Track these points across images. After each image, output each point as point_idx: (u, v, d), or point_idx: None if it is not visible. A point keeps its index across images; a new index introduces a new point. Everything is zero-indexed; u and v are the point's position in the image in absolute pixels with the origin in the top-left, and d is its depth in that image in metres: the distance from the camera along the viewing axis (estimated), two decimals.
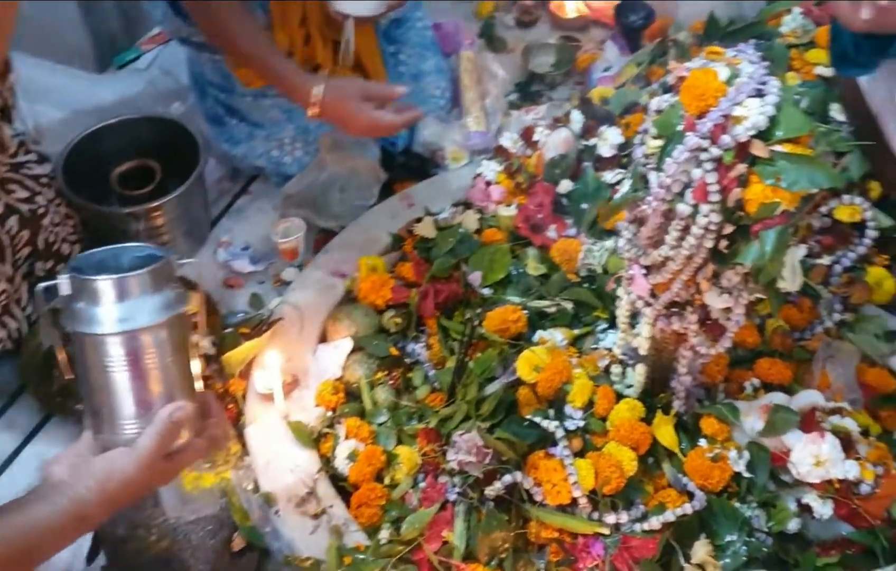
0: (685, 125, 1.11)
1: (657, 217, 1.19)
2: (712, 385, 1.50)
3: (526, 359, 1.46)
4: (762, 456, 1.39)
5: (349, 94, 1.64)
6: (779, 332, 1.57)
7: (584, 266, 1.69)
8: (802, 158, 1.07)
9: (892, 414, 1.50)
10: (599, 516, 1.32)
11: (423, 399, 1.50)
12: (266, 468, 1.40)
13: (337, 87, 1.65)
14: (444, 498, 1.34)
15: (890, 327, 1.61)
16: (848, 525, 1.37)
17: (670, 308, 1.31)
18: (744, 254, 1.12)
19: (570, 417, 1.41)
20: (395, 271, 1.69)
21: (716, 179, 1.09)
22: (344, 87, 1.66)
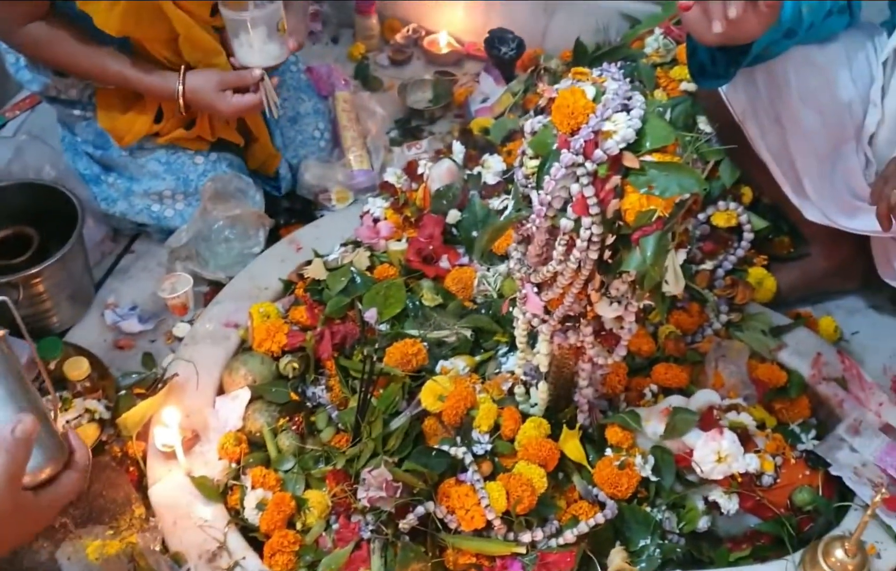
0: (559, 143, 1.14)
1: (542, 234, 1.23)
2: (614, 396, 1.54)
3: (429, 389, 1.47)
4: (667, 459, 1.44)
5: (207, 86, 1.73)
6: (671, 338, 1.62)
7: (480, 293, 1.71)
8: (671, 165, 1.11)
9: (785, 406, 1.57)
10: (515, 536, 1.34)
11: (328, 441, 1.49)
12: (173, 528, 1.37)
13: (194, 80, 1.74)
14: (359, 537, 1.34)
15: (775, 324, 1.68)
16: (755, 516, 1.43)
17: (565, 323, 1.34)
18: (627, 262, 1.16)
19: (478, 442, 1.42)
20: (288, 317, 1.68)
21: (593, 193, 1.12)
22: (200, 80, 1.74)
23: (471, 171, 1.92)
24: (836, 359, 1.63)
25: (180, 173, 1.87)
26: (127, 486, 1.44)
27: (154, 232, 1.92)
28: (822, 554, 1.31)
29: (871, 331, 1.78)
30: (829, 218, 1.63)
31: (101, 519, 1.40)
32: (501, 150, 2.02)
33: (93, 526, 1.39)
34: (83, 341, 1.70)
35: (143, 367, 1.66)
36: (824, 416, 1.58)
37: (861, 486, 1.43)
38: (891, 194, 1.42)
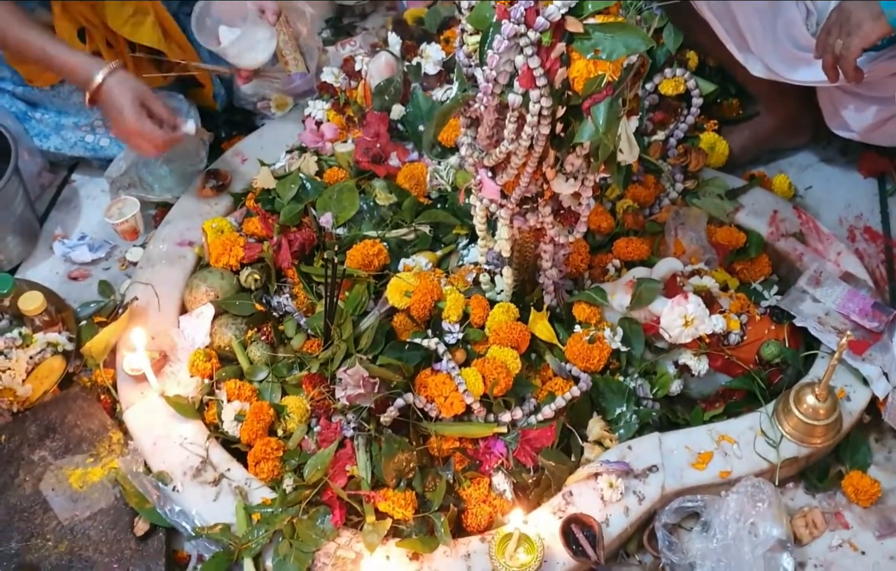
0: (498, 15, 1.16)
1: (491, 114, 1.26)
2: (578, 275, 1.63)
3: (395, 286, 1.53)
4: (635, 329, 1.53)
5: (130, 93, 1.64)
6: (630, 211, 1.71)
7: (434, 188, 1.77)
8: (615, 26, 1.14)
9: (745, 266, 1.67)
10: (495, 417, 1.42)
11: (299, 348, 1.55)
12: (154, 449, 1.43)
13: (122, 80, 1.64)
14: (342, 436, 1.41)
15: (730, 187, 1.78)
16: (725, 375, 1.53)
17: (523, 205, 1.39)
18: (580, 133, 1.19)
19: (449, 332, 1.50)
20: (242, 229, 1.73)
21: (539, 63, 1.15)
22: (129, 83, 1.65)
23: (409, 63, 1.96)
24: (793, 215, 1.74)
25: None
26: (101, 414, 1.50)
27: (92, 161, 1.94)
28: (794, 402, 1.42)
29: (824, 184, 1.89)
30: (773, 72, 1.71)
31: (79, 449, 1.45)
32: (439, 38, 2.07)
33: (72, 456, 1.44)
34: (36, 277, 1.74)
35: (100, 295, 1.70)
36: (785, 272, 1.68)
37: (826, 334, 1.54)
38: (835, 45, 1.51)
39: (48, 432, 1.48)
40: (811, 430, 1.42)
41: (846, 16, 1.47)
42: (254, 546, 1.31)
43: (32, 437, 1.48)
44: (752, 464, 1.41)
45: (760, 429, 1.44)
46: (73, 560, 1.33)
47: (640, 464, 1.39)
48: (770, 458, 1.41)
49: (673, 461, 1.40)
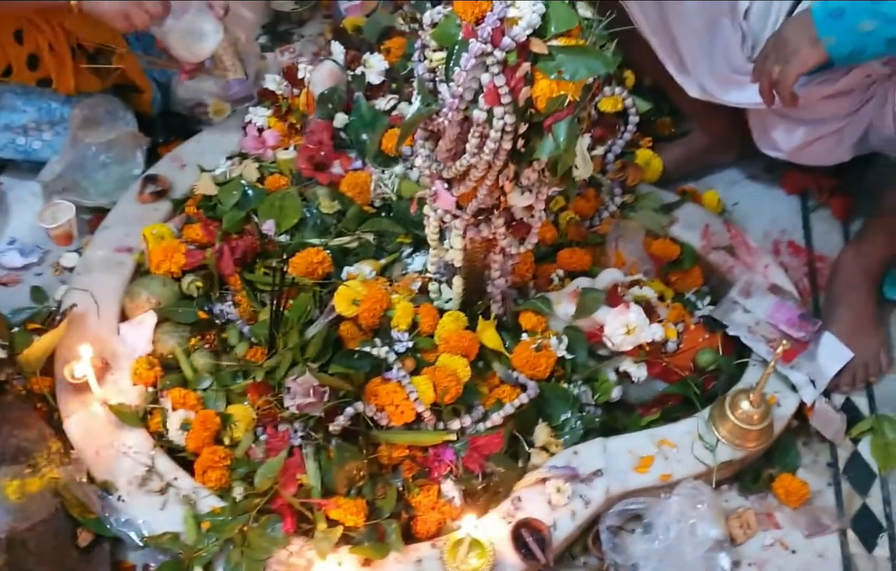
0: (465, 33, 1.19)
1: (454, 128, 1.29)
2: (523, 284, 1.66)
3: (342, 295, 1.54)
4: (579, 337, 1.57)
5: None
6: (572, 223, 1.75)
7: (378, 196, 1.78)
8: (577, 49, 1.18)
9: (680, 277, 1.73)
10: (444, 425, 1.45)
11: (243, 356, 1.55)
12: (97, 458, 1.41)
13: None
14: (290, 444, 1.41)
15: (664, 201, 1.84)
16: (662, 381, 1.59)
17: (478, 216, 1.43)
18: (540, 149, 1.23)
19: (399, 340, 1.51)
20: (182, 235, 1.71)
21: (504, 82, 1.18)
22: None
23: (353, 72, 1.97)
24: (723, 229, 1.80)
25: (42, 103, 1.85)
26: (38, 423, 1.47)
27: (23, 164, 1.90)
28: (730, 407, 1.48)
29: (751, 200, 1.96)
30: (709, 93, 1.77)
31: (16, 460, 1.42)
32: (380, 48, 2.08)
33: (8, 467, 1.41)
34: None
35: (33, 301, 1.67)
36: (716, 282, 1.75)
37: (757, 342, 1.60)
38: (772, 70, 1.57)
39: None
40: (745, 434, 1.48)
41: (784, 42, 1.54)
42: (204, 554, 1.31)
43: None
44: (690, 467, 1.46)
45: (698, 434, 1.49)
46: None
47: (585, 469, 1.43)
48: (707, 461, 1.47)
49: (616, 465, 1.44)
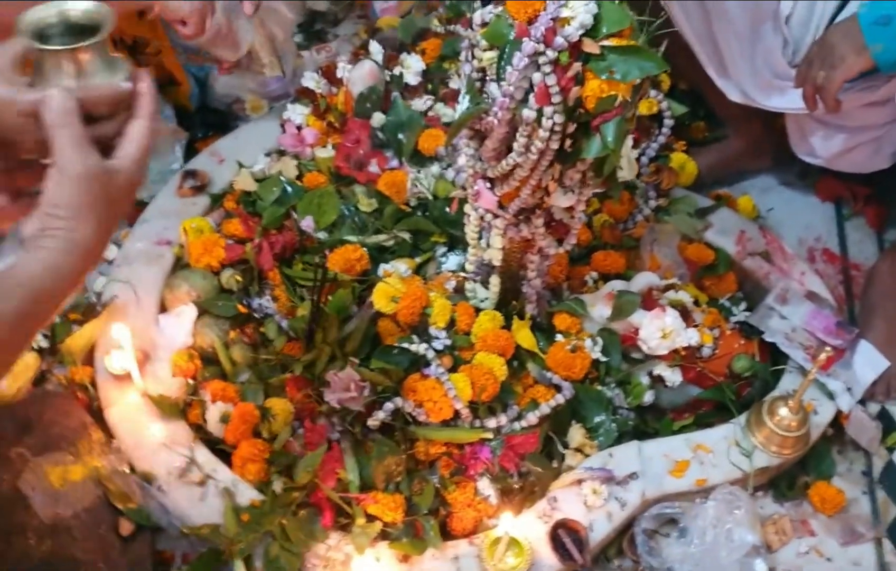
0: (517, 32, 1.19)
1: (502, 127, 1.28)
2: (557, 286, 1.67)
3: (382, 291, 1.55)
4: (613, 340, 1.58)
5: None
6: (606, 226, 1.75)
7: (414, 195, 1.80)
8: (629, 49, 1.18)
9: (714, 282, 1.73)
10: (481, 423, 1.45)
11: (281, 350, 1.56)
12: (137, 448, 1.42)
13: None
14: (328, 439, 1.43)
15: (699, 205, 1.83)
16: (696, 387, 1.58)
17: (518, 216, 1.43)
18: (587, 149, 1.23)
19: (436, 338, 1.52)
20: (221, 230, 1.73)
21: (555, 81, 1.18)
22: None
23: (391, 71, 1.99)
24: (758, 234, 1.80)
25: None
26: (80, 412, 1.48)
27: None
28: (767, 413, 1.48)
29: (785, 207, 1.96)
30: (751, 98, 1.78)
31: (58, 447, 1.44)
32: (415, 49, 2.09)
33: (51, 453, 1.43)
34: None
35: None
36: (750, 288, 1.75)
37: (793, 349, 1.60)
38: (816, 76, 1.57)
39: (25, 429, 1.45)
40: (783, 441, 1.47)
41: (829, 48, 1.54)
42: (244, 546, 1.32)
43: (8, 434, 1.45)
44: (726, 473, 1.46)
45: (735, 439, 1.49)
46: (57, 560, 1.32)
47: (621, 471, 1.43)
48: (743, 467, 1.46)
49: (652, 469, 1.44)
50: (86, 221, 0.85)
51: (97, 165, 0.85)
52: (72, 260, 0.85)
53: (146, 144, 0.90)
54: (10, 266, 0.83)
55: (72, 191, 0.84)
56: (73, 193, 0.84)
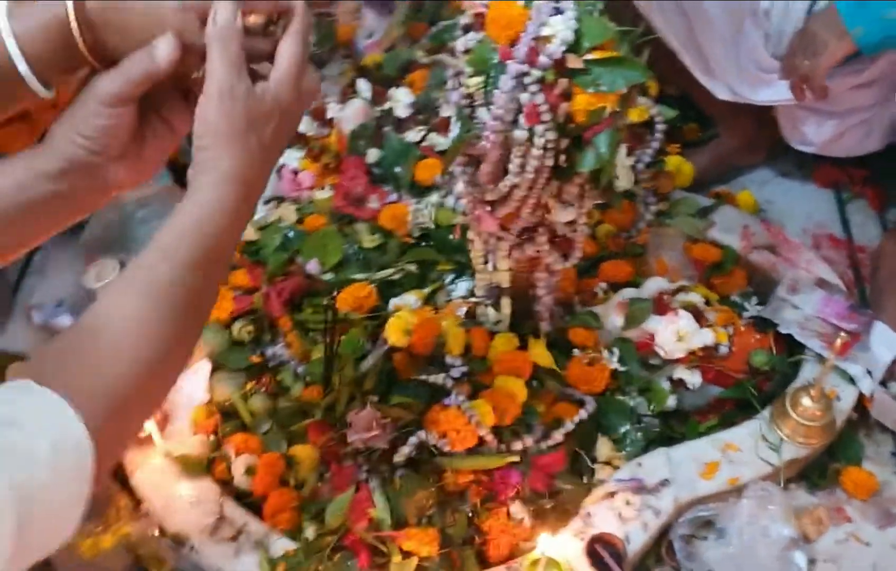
0: (501, 55, 1.20)
1: (496, 150, 1.28)
2: (568, 300, 1.66)
3: (394, 326, 1.54)
4: (630, 348, 1.57)
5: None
6: (610, 236, 1.75)
7: (416, 226, 1.79)
8: (613, 60, 1.19)
9: (723, 280, 1.73)
10: (507, 447, 1.44)
11: (299, 396, 1.55)
12: (166, 510, 1.41)
13: None
14: (356, 480, 1.42)
15: (700, 205, 1.84)
16: (717, 386, 1.58)
17: (522, 235, 1.43)
18: (582, 162, 1.24)
19: (453, 366, 1.52)
20: (228, 282, 1.72)
21: (543, 99, 1.19)
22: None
23: (381, 107, 1.99)
24: (762, 228, 1.80)
25: None
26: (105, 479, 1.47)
27: None
28: (791, 405, 1.48)
29: (784, 198, 1.97)
30: (739, 95, 1.79)
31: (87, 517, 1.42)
32: (402, 82, 2.10)
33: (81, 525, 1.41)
34: (15, 348, 1.70)
35: None
36: (760, 282, 1.74)
37: (809, 338, 1.60)
38: (801, 66, 1.58)
39: None
40: (809, 431, 1.47)
41: (811, 37, 1.55)
42: None
43: None
44: (756, 469, 1.45)
45: (761, 435, 1.48)
46: None
47: (651, 479, 1.42)
48: (773, 462, 1.46)
49: (682, 474, 1.43)
50: (230, 148, 0.85)
51: (243, 89, 0.85)
52: (226, 191, 0.85)
53: (296, 65, 0.89)
54: (177, 213, 0.84)
55: (215, 118, 0.84)
56: (216, 119, 0.84)
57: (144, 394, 0.82)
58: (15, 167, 0.91)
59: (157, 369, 0.81)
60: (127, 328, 0.80)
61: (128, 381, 0.78)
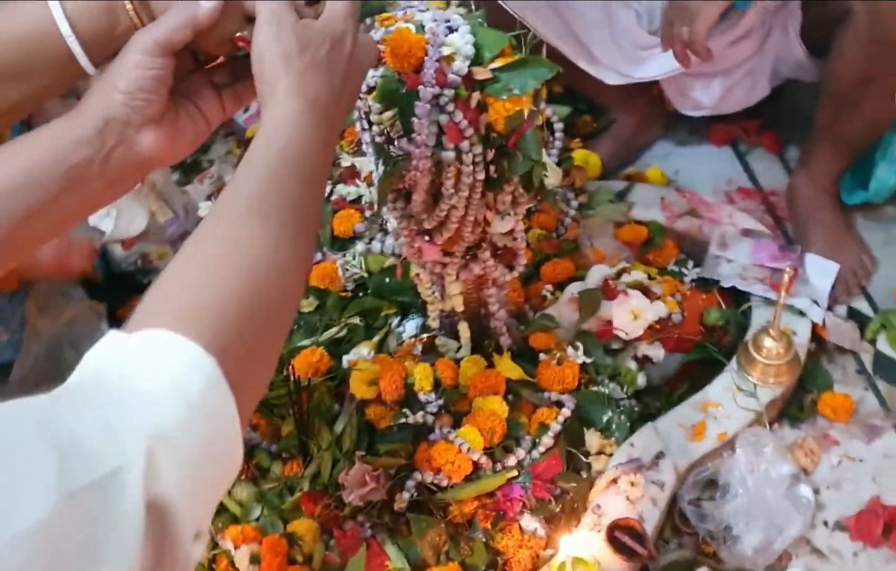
0: (409, 84, 1.19)
1: (426, 177, 1.27)
2: (520, 310, 1.67)
3: (358, 379, 1.52)
4: (591, 339, 1.59)
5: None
6: (542, 239, 1.77)
7: (349, 279, 1.78)
8: (518, 63, 1.20)
9: (656, 253, 1.78)
10: (502, 464, 1.44)
11: (281, 474, 1.51)
12: None
13: None
14: (362, 538, 1.39)
15: (616, 190, 1.88)
16: (680, 353, 1.62)
17: (466, 256, 1.43)
18: (513, 168, 1.25)
19: (429, 402, 1.50)
20: None
21: (462, 116, 1.19)
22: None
23: None
24: (678, 196, 1.87)
25: None
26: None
27: None
28: (754, 350, 1.53)
29: (689, 164, 2.04)
30: (627, 75, 1.84)
31: None
32: None
33: None
34: None
35: None
36: (690, 247, 1.80)
37: (752, 285, 1.66)
38: (681, 33, 1.65)
39: None
40: (777, 370, 1.52)
41: (684, 5, 1.61)
42: None
43: None
44: (740, 419, 1.49)
45: (735, 386, 1.53)
46: None
47: (647, 456, 1.44)
48: (754, 407, 1.50)
49: (674, 442, 1.46)
50: (285, 69, 0.85)
51: (291, 19, 0.87)
52: (289, 107, 0.85)
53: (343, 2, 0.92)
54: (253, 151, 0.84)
55: (266, 46, 0.86)
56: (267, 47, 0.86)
57: (260, 304, 0.75)
58: (48, 136, 0.89)
59: (264, 276, 0.76)
60: (219, 245, 0.76)
61: (234, 293, 0.73)
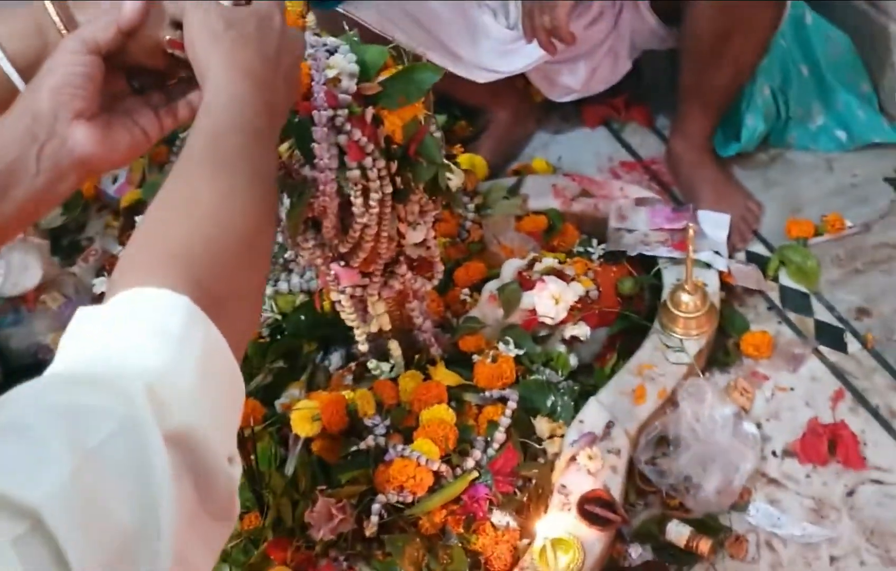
0: (302, 111, 1.18)
1: (334, 200, 1.27)
2: (443, 320, 1.69)
3: (299, 418, 1.50)
4: (518, 332, 1.63)
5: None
6: (448, 246, 1.80)
7: (264, 324, 1.75)
8: (403, 72, 1.23)
9: (560, 238, 1.83)
10: (461, 468, 1.45)
11: (240, 530, 1.48)
12: None
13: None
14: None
15: (507, 186, 1.93)
16: (604, 327, 1.67)
17: (384, 274, 1.44)
18: (419, 175, 1.27)
19: (375, 425, 1.50)
20: None
21: (361, 133, 1.20)
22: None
23: None
24: (567, 181, 1.92)
25: None
26: None
27: None
28: (673, 306, 1.59)
29: (569, 150, 2.10)
30: (495, 71, 1.89)
31: None
32: None
33: None
34: None
35: None
36: (590, 226, 1.86)
37: (656, 249, 1.73)
38: (543, 22, 1.70)
39: None
40: (698, 322, 1.59)
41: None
42: None
43: None
44: (675, 374, 1.56)
45: (663, 344, 1.59)
46: None
47: (598, 428, 1.48)
48: (685, 360, 1.56)
49: (620, 409, 1.51)
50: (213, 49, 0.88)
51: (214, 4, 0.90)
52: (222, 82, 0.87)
53: None
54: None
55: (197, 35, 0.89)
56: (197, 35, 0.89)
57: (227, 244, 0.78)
58: None
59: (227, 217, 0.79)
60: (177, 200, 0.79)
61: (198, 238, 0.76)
